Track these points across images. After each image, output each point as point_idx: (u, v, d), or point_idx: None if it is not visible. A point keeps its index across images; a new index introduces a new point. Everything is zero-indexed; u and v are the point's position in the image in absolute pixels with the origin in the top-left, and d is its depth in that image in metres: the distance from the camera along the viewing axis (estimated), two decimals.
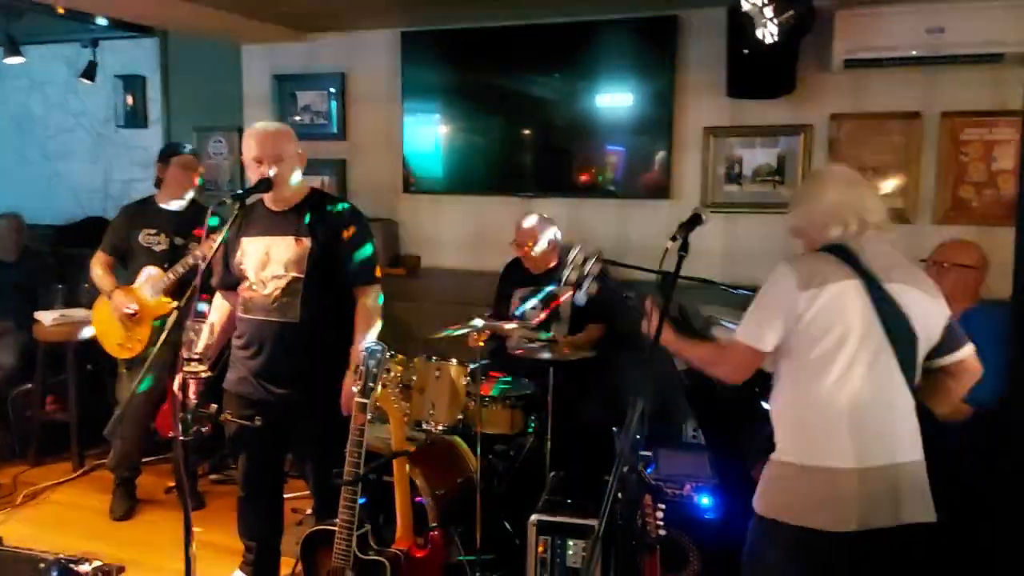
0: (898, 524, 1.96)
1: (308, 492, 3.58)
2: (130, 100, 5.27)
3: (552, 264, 3.94)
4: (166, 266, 3.80)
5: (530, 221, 3.94)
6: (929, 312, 2.07)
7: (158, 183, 4.02)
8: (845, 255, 2.04)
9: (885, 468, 1.97)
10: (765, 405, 2.92)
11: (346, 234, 3.01)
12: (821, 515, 1.97)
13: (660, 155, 4.12)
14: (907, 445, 2.02)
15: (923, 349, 2.06)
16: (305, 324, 2.93)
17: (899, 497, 1.97)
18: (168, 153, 4.00)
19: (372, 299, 3.03)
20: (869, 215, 2.08)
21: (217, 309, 3.15)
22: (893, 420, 2.01)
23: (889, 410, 2.00)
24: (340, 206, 3.09)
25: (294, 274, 2.93)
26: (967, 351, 2.13)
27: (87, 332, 4.42)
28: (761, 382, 2.92)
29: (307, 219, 2.96)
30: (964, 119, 3.70)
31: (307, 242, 2.93)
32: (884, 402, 2.00)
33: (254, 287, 2.97)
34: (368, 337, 2.89)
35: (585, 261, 2.36)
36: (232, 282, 3.07)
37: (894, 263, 2.07)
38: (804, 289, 1.99)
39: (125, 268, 3.97)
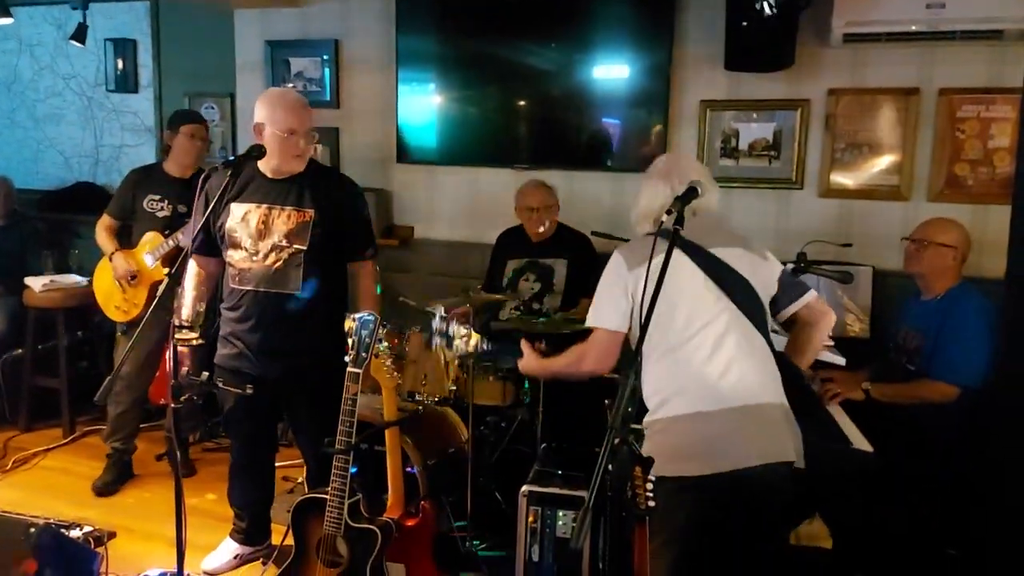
0: (749, 466, 2.07)
1: (299, 461, 3.60)
2: (120, 64, 5.21)
3: (551, 233, 3.91)
4: (167, 232, 3.79)
5: (535, 183, 3.92)
6: (758, 267, 2.27)
7: (166, 150, 3.99)
8: (666, 234, 2.18)
9: (722, 412, 2.10)
10: None
11: (349, 207, 3.01)
12: (691, 462, 2.09)
13: (656, 128, 4.09)
14: (753, 388, 2.14)
15: (764, 297, 2.25)
16: (303, 296, 2.92)
17: (745, 440, 2.09)
18: (177, 120, 3.96)
19: (373, 272, 3.07)
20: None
21: (192, 276, 3.08)
22: (740, 364, 2.14)
23: (733, 355, 2.14)
24: (341, 179, 3.11)
25: (297, 246, 2.90)
26: (810, 296, 2.32)
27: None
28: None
29: (309, 190, 2.94)
30: (962, 96, 3.68)
31: (311, 213, 2.91)
32: (727, 348, 2.15)
33: (254, 258, 2.94)
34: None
35: (447, 321, 2.51)
36: (212, 247, 3.03)
37: (714, 231, 2.28)
38: (632, 268, 2.20)
39: (129, 232, 3.95)
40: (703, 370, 2.14)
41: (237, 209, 2.95)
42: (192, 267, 3.10)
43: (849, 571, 2.87)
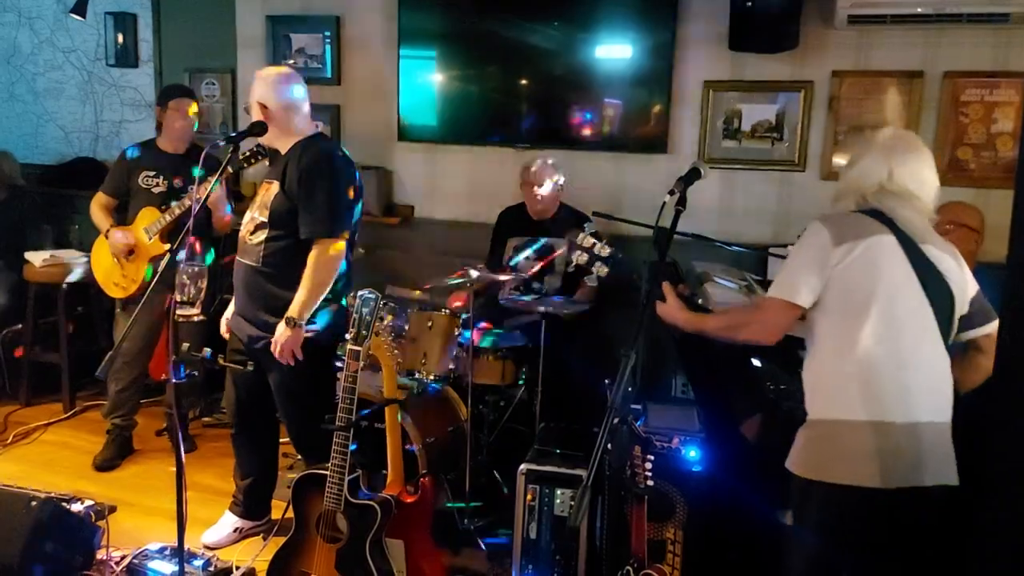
0: (921, 485, 1.94)
1: None
2: (121, 38, 5.17)
3: (552, 213, 3.91)
4: (164, 208, 3.78)
5: (540, 162, 3.92)
6: (960, 281, 2.05)
7: (158, 127, 3.98)
8: (878, 215, 2.02)
9: (907, 426, 1.95)
10: (756, 363, 2.95)
11: (300, 180, 2.89)
12: (850, 470, 1.95)
13: (658, 108, 4.08)
14: (935, 405, 1.99)
15: (957, 311, 2.04)
16: (262, 269, 2.97)
17: (922, 458, 1.95)
18: (166, 96, 3.94)
19: (318, 253, 2.86)
20: (906, 187, 2.04)
21: None
22: (927, 378, 1.98)
23: (923, 367, 1.98)
24: (310, 151, 2.95)
25: (262, 218, 2.96)
26: (996, 325, 2.07)
27: (77, 272, 4.43)
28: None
29: (286, 163, 2.98)
30: (966, 79, 3.67)
31: (276, 186, 2.95)
32: (919, 359, 1.97)
33: (242, 228, 3.07)
34: (300, 298, 2.83)
35: (595, 243, 2.29)
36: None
37: (926, 230, 2.05)
38: (838, 244, 1.97)
39: (126, 210, 3.94)
40: (895, 377, 1.95)
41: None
42: None
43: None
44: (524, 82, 4.35)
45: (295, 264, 2.91)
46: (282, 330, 2.82)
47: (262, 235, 2.95)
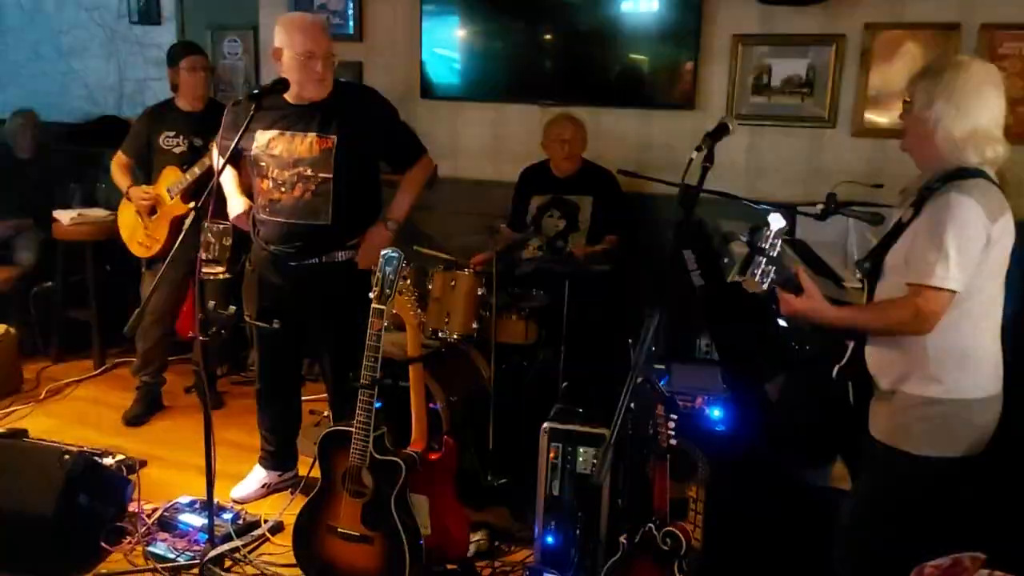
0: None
1: (324, 395, 3.65)
2: None
3: (575, 170, 3.87)
4: (185, 167, 3.79)
5: (567, 115, 3.87)
6: None
7: (173, 87, 3.97)
8: (993, 182, 1.93)
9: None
10: (781, 323, 2.92)
11: (380, 123, 3.01)
12: (967, 443, 1.99)
13: (686, 63, 4.00)
14: None
15: None
16: (332, 228, 2.94)
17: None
18: (174, 57, 3.93)
19: (423, 167, 3.18)
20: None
21: (230, 179, 3.19)
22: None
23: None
24: (364, 94, 3.10)
25: (323, 175, 2.90)
26: None
27: None
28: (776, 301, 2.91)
29: (333, 115, 2.91)
30: (1004, 32, 3.55)
31: (333, 139, 2.89)
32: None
33: (282, 189, 2.94)
34: (405, 204, 3.07)
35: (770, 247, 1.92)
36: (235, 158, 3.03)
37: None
38: (993, 221, 1.88)
39: (147, 171, 3.96)
40: (995, 349, 2.00)
41: (261, 136, 2.96)
42: (228, 172, 3.17)
43: None
44: (548, 37, 4.28)
45: (363, 213, 3.04)
46: (380, 231, 2.99)
47: (325, 191, 2.91)
